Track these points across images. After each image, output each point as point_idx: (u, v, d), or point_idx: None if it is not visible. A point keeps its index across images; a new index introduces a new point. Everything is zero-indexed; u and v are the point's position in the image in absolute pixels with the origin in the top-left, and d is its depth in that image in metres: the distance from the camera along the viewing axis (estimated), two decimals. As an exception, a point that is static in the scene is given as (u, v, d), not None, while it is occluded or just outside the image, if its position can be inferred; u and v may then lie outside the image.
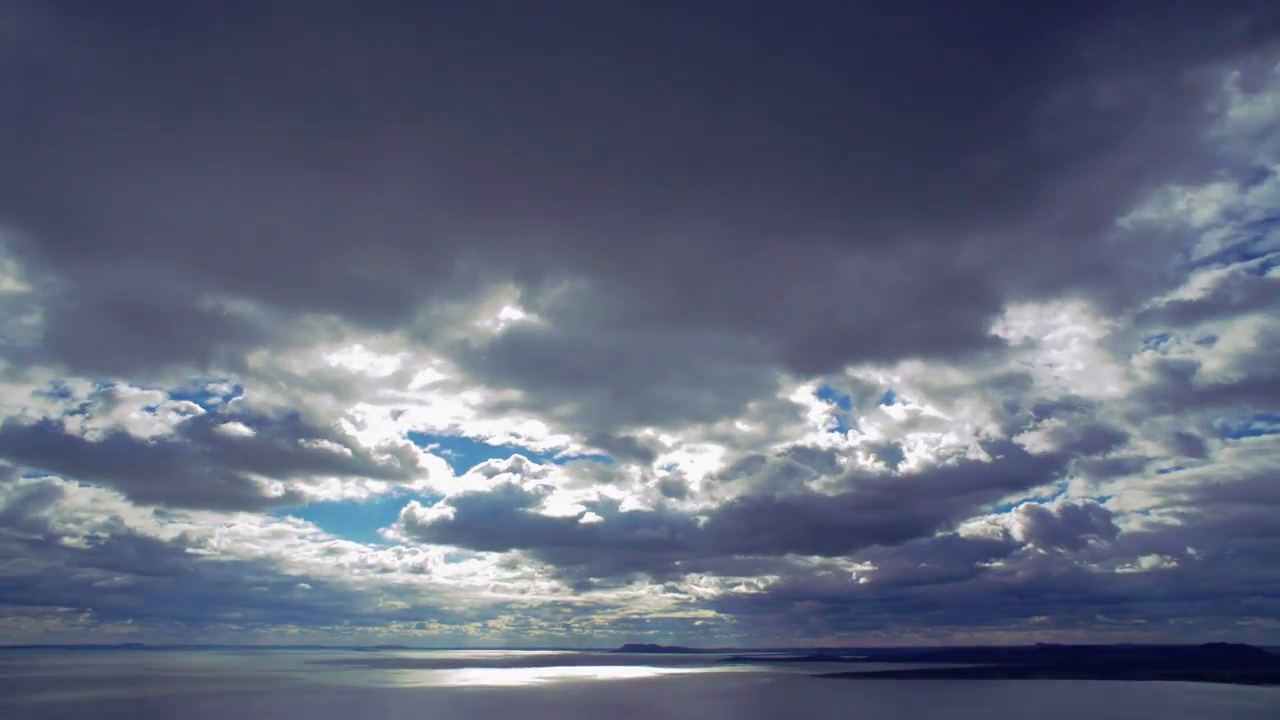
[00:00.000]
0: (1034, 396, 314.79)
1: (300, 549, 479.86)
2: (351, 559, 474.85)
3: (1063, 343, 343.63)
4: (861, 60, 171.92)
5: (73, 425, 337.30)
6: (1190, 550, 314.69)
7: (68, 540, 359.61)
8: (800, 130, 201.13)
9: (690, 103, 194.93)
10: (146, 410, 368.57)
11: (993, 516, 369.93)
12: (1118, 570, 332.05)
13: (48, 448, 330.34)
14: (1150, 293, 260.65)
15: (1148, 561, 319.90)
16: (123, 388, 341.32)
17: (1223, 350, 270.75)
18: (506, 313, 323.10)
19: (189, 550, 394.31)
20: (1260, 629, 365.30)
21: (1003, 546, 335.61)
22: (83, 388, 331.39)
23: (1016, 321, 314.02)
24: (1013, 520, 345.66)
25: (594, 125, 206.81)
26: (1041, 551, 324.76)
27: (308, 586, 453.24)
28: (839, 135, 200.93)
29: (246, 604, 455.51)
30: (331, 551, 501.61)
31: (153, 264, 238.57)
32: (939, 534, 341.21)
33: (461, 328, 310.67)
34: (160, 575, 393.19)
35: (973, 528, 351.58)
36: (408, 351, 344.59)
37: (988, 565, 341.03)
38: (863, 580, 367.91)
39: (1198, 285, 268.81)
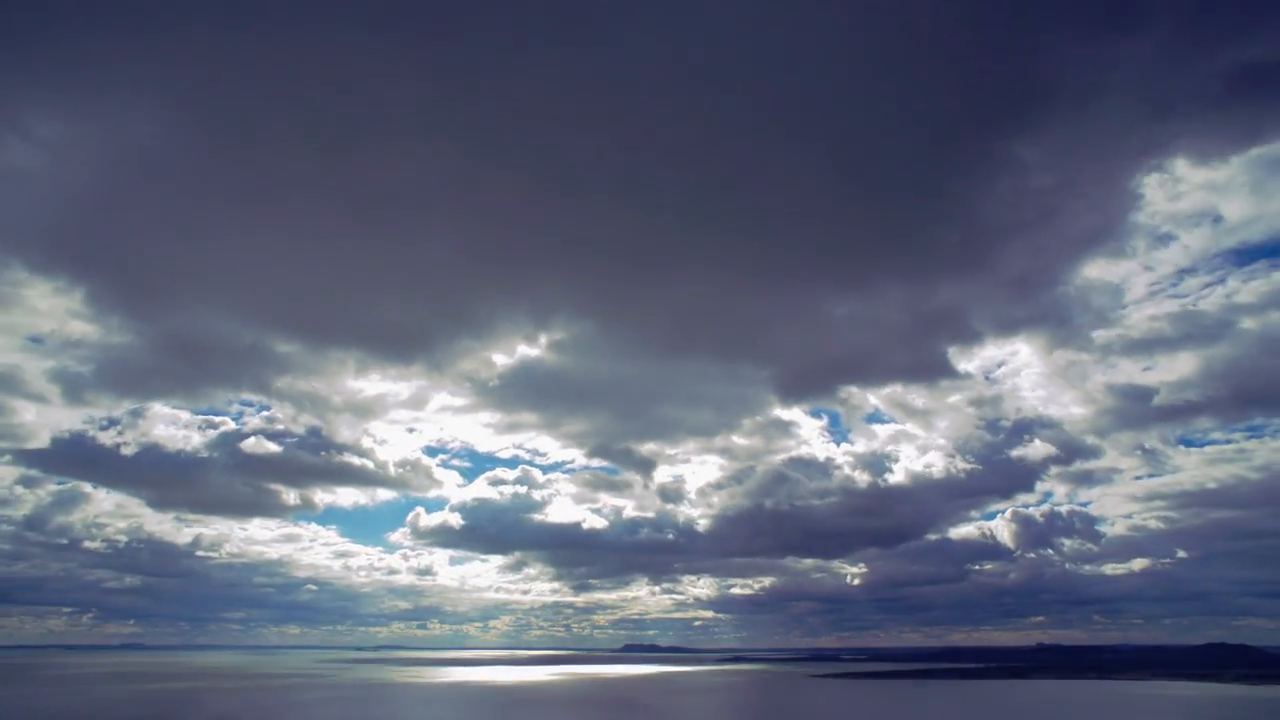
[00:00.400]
0: (1007, 416, 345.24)
1: (311, 552, 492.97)
2: (360, 562, 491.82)
3: (1024, 370, 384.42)
4: (844, 142, 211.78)
5: (107, 438, 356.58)
6: (1181, 553, 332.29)
7: (86, 544, 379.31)
8: (793, 197, 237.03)
9: (692, 175, 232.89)
10: (176, 425, 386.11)
11: (980, 522, 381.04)
12: (1108, 572, 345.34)
13: (83, 459, 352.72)
14: (1097, 329, 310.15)
15: (1137, 564, 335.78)
16: (156, 406, 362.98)
17: (1166, 377, 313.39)
18: (519, 350, 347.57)
19: (200, 553, 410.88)
20: (1257, 629, 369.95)
21: (994, 550, 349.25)
22: (124, 408, 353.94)
23: (984, 352, 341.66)
24: (1001, 526, 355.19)
25: (600, 192, 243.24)
26: (1031, 555, 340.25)
27: (314, 588, 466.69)
28: (826, 203, 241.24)
29: (251, 605, 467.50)
30: (341, 554, 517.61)
31: (204, 308, 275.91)
32: (931, 537, 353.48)
33: (475, 359, 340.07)
34: (170, 577, 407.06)
35: (963, 532, 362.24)
36: (424, 380, 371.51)
37: (981, 567, 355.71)
38: (860, 582, 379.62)
39: (1137, 322, 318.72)
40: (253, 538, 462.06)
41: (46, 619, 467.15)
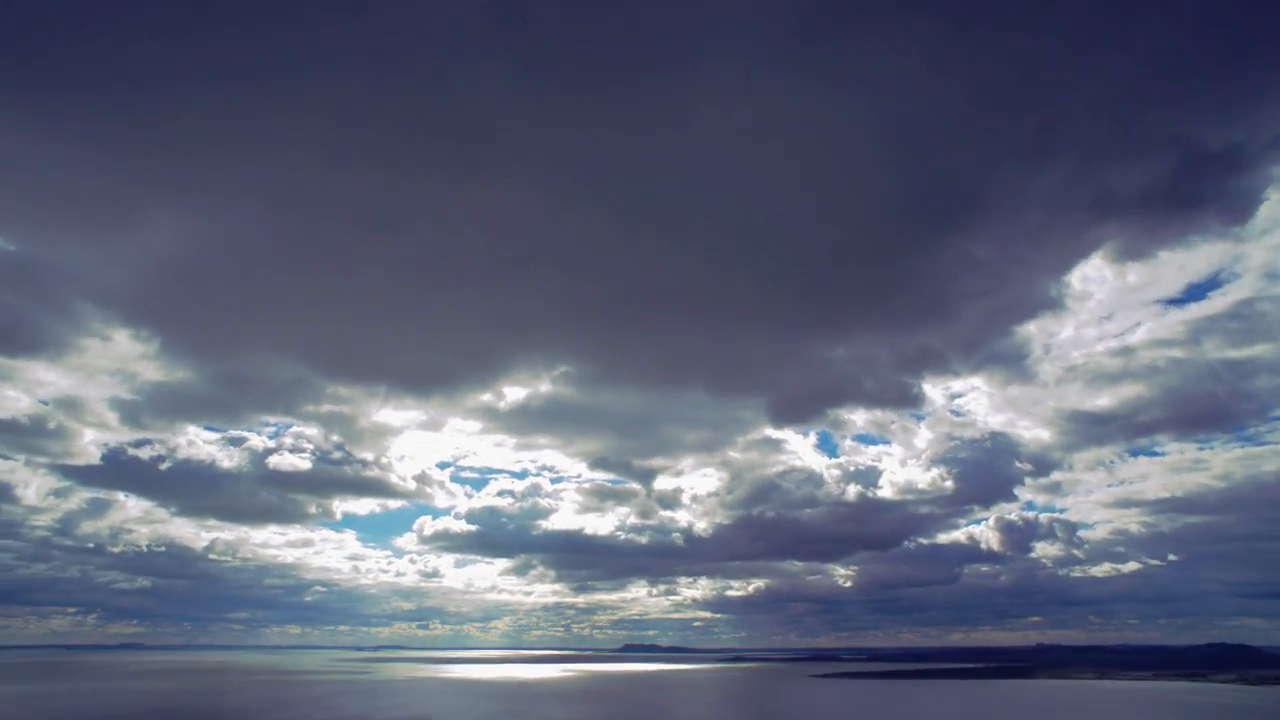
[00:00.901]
0: (980, 438, 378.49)
1: (323, 555, 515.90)
2: (368, 565, 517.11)
3: (985, 401, 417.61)
4: (829, 221, 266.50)
5: (149, 454, 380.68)
6: (1172, 556, 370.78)
7: (108, 549, 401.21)
8: (787, 266, 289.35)
9: (695, 242, 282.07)
10: (212, 444, 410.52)
11: (968, 528, 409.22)
12: (1097, 574, 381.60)
13: (124, 474, 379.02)
14: (1043, 366, 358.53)
15: (1126, 567, 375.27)
16: (199, 428, 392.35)
17: (1111, 403, 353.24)
18: (531, 384, 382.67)
19: (214, 556, 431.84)
20: (1253, 629, 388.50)
21: (983, 554, 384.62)
22: (172, 431, 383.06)
23: (951, 386, 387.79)
24: (987, 532, 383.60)
25: (608, 249, 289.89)
26: (1019, 559, 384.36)
27: (322, 589, 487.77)
28: (814, 271, 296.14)
29: (255, 605, 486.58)
30: (351, 558, 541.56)
31: (256, 350, 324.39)
32: (922, 541, 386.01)
33: (491, 392, 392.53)
34: (181, 579, 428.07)
35: (951, 537, 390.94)
36: (443, 409, 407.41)
37: (972, 570, 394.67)
38: (856, 584, 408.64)
39: (1077, 359, 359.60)
40: (268, 542, 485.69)
41: (51, 619, 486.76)
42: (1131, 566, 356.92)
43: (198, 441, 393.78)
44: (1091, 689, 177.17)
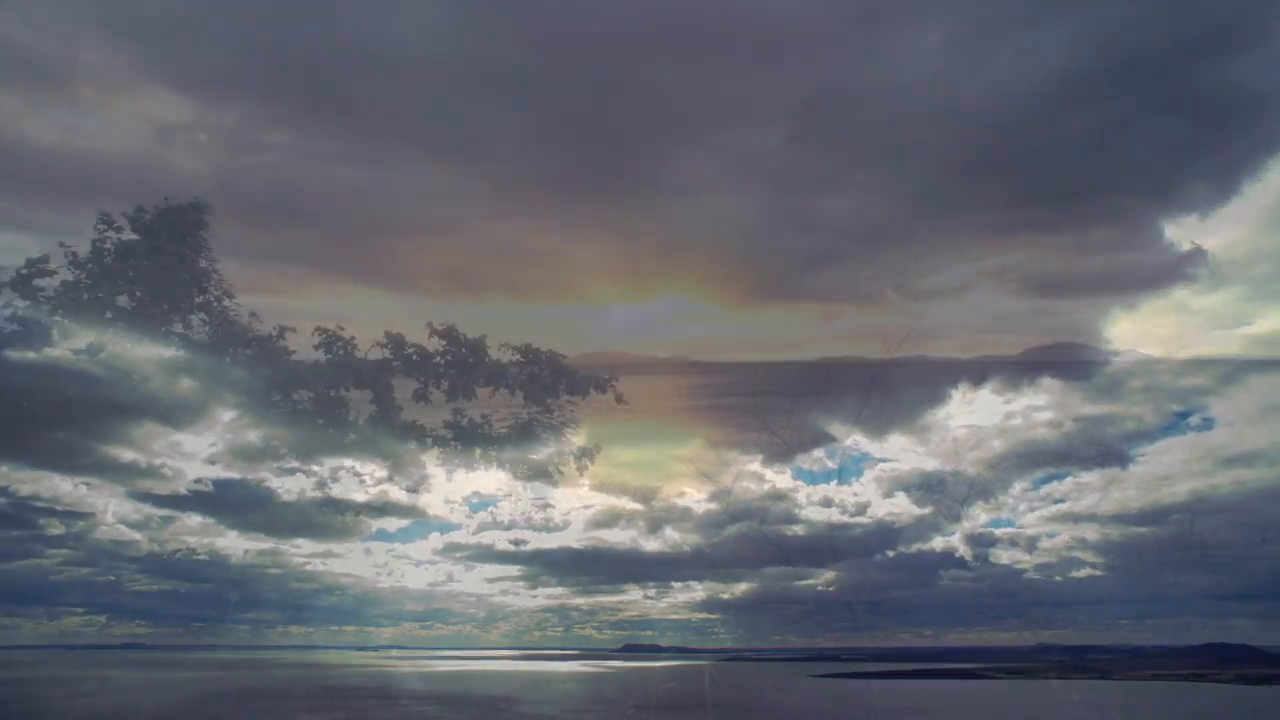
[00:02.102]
0: (928, 474, 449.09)
1: (347, 563, 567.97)
2: (385, 571, 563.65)
3: (913, 451, 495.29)
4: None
5: (223, 482, 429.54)
6: (1139, 561, 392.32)
7: (153, 556, 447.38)
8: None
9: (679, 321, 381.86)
10: (279, 474, 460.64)
11: (942, 539, 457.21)
12: (1078, 575, 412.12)
13: (197, 498, 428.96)
14: (948, 428, 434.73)
15: (1103, 573, 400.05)
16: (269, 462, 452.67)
17: (1005, 449, 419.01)
18: (549, 445, 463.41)
19: (245, 564, 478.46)
20: (1253, 629, 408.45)
21: (960, 561, 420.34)
22: (251, 468, 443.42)
23: (897, 439, 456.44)
24: (958, 543, 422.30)
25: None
26: (997, 565, 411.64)
27: (338, 593, 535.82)
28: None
29: (265, 607, 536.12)
30: (373, 566, 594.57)
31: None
32: (903, 549, 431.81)
33: (518, 452, 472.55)
34: (204, 583, 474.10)
35: (930, 545, 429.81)
36: (473, 461, 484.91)
37: (955, 575, 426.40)
38: (849, 587, 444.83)
39: (972, 421, 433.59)
40: (301, 551, 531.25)
41: (62, 619, 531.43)
42: (1108, 573, 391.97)
43: (268, 475, 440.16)
44: (1095, 689, 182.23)
